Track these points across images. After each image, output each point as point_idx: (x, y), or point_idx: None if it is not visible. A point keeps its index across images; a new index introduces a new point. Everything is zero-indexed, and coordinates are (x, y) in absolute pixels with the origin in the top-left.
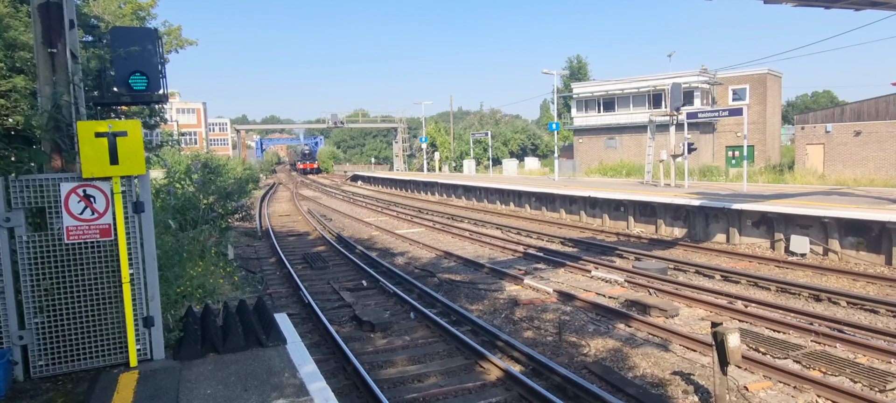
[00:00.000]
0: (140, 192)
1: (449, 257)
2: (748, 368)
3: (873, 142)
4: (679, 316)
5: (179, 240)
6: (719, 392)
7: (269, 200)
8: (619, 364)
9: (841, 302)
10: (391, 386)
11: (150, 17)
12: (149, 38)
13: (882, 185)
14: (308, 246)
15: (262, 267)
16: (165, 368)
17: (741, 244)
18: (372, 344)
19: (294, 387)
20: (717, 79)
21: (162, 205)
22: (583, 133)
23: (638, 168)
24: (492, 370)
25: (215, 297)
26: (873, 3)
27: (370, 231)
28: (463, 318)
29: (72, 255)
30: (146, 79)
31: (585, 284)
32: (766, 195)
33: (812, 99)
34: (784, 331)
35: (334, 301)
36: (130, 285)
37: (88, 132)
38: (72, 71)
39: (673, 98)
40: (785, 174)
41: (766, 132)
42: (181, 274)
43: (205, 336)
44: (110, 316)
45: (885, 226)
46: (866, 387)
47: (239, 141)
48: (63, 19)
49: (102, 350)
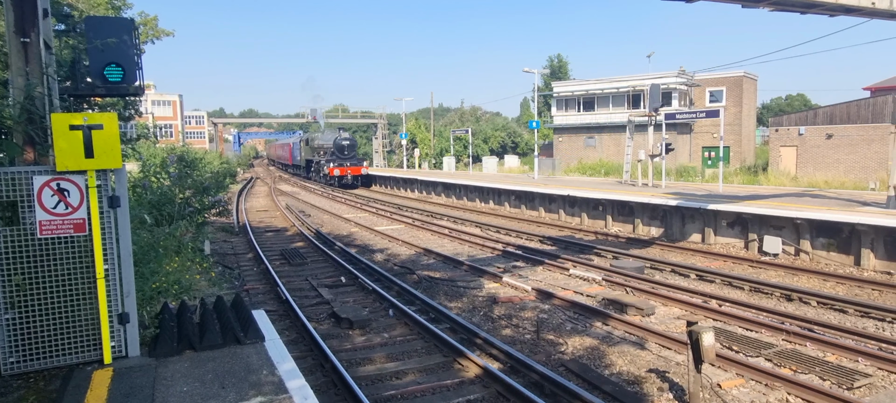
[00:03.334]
0: (116, 186)
1: (428, 254)
2: (722, 366)
3: (845, 146)
4: (655, 314)
5: (155, 236)
6: (693, 389)
7: (246, 195)
8: (596, 361)
9: (811, 301)
10: (370, 383)
11: (126, 7)
12: (124, 28)
13: (852, 188)
14: (286, 242)
15: (239, 264)
16: (141, 365)
17: (716, 244)
18: (350, 342)
19: (272, 385)
20: (694, 80)
21: (137, 200)
22: (563, 132)
23: (617, 167)
24: (470, 367)
25: (192, 294)
26: (847, 9)
27: (349, 227)
28: (442, 316)
29: (45, 250)
30: (122, 70)
31: (564, 282)
32: (741, 196)
33: (786, 102)
34: (757, 330)
35: (313, 297)
36: (105, 281)
37: (63, 125)
38: (45, 61)
39: (652, 98)
40: (759, 175)
41: (742, 134)
42: (157, 269)
43: (181, 333)
44: (84, 313)
45: (854, 228)
46: (834, 385)
47: (216, 134)
48: (37, 8)
49: (76, 348)
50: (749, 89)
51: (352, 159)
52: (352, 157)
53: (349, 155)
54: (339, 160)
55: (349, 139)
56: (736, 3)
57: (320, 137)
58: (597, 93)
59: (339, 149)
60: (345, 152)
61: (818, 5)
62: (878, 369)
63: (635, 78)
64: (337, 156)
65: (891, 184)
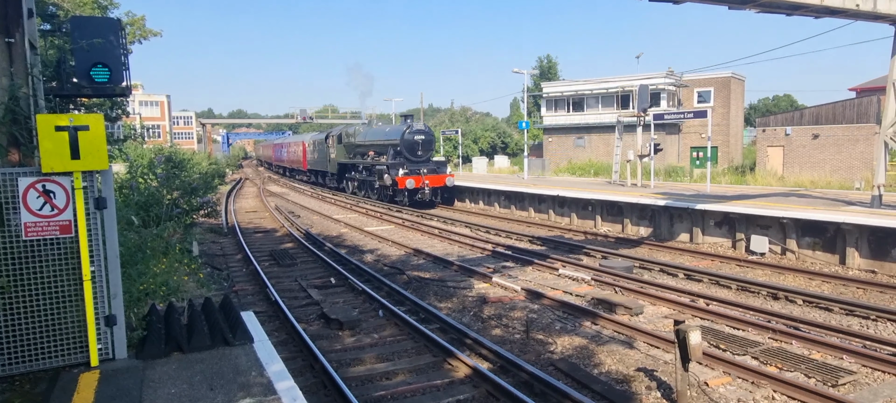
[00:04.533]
0: (102, 188)
1: (418, 255)
2: (709, 364)
3: (830, 146)
4: (644, 313)
5: (143, 237)
6: (681, 388)
7: (235, 196)
8: (585, 361)
9: (797, 300)
10: (359, 384)
11: (113, 7)
12: (111, 28)
13: (838, 187)
14: (275, 243)
15: (228, 265)
16: (128, 368)
17: (704, 243)
18: (340, 342)
19: (261, 386)
20: (682, 81)
21: (124, 201)
22: (552, 132)
23: (606, 167)
24: (460, 367)
25: (180, 295)
26: (831, 11)
27: (339, 228)
28: (432, 316)
29: (30, 252)
30: (108, 70)
31: (553, 282)
32: (729, 196)
33: (773, 102)
34: (743, 329)
35: (302, 298)
36: (92, 283)
37: (48, 126)
38: (30, 62)
39: (640, 99)
40: (747, 175)
41: (730, 134)
42: (144, 271)
43: (169, 334)
44: (70, 315)
45: (839, 227)
46: (820, 382)
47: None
48: (21, 7)
49: (62, 350)
50: (737, 90)
51: (429, 164)
52: (427, 160)
53: (424, 157)
54: (410, 165)
55: (425, 132)
56: (723, 4)
57: (371, 130)
58: (586, 93)
59: (410, 148)
60: (418, 152)
61: (804, 7)
62: (862, 366)
63: (624, 79)
64: (406, 159)
65: (875, 184)
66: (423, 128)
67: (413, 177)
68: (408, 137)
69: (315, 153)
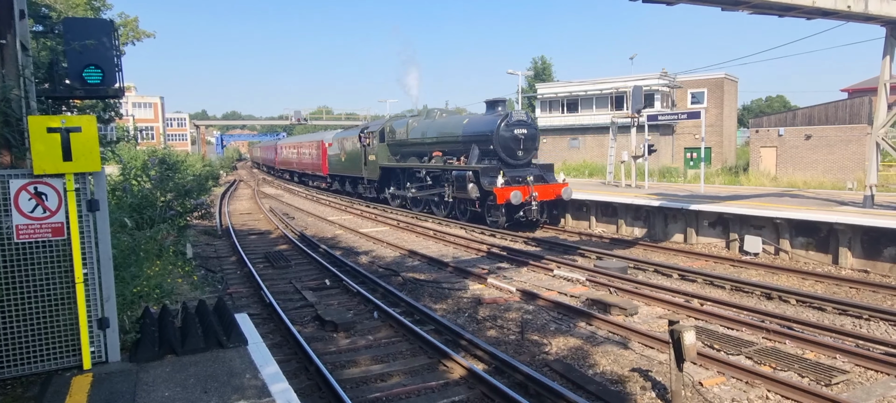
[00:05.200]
0: (95, 190)
1: (413, 256)
2: (703, 364)
3: (823, 146)
4: (638, 314)
5: (136, 239)
6: (675, 388)
7: (229, 198)
8: (580, 361)
9: (791, 300)
10: (354, 386)
11: (106, 8)
12: (103, 29)
13: (831, 188)
14: (270, 244)
15: (222, 267)
16: (121, 370)
17: (698, 243)
18: (335, 344)
19: (256, 388)
20: (676, 82)
21: (117, 203)
22: (547, 133)
23: (600, 168)
24: (455, 368)
25: (173, 297)
26: (824, 12)
27: (334, 229)
28: (427, 317)
29: (22, 255)
30: (101, 72)
31: (548, 283)
32: (723, 196)
33: (766, 103)
34: (737, 329)
35: (296, 300)
36: (84, 285)
37: (40, 127)
38: (22, 63)
39: (634, 100)
40: (740, 176)
41: (723, 135)
42: (138, 273)
43: (163, 337)
44: (63, 318)
45: (832, 227)
46: (813, 382)
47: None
48: (13, 9)
49: (55, 353)
50: (730, 91)
51: (531, 168)
52: (528, 164)
53: (525, 159)
54: (510, 170)
55: (527, 123)
56: (716, 5)
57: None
58: (580, 94)
59: (508, 146)
60: (518, 153)
61: (795, 8)
62: (855, 365)
63: (618, 80)
64: (502, 162)
65: (867, 184)
66: (526, 119)
67: (518, 186)
68: (505, 132)
69: (341, 154)
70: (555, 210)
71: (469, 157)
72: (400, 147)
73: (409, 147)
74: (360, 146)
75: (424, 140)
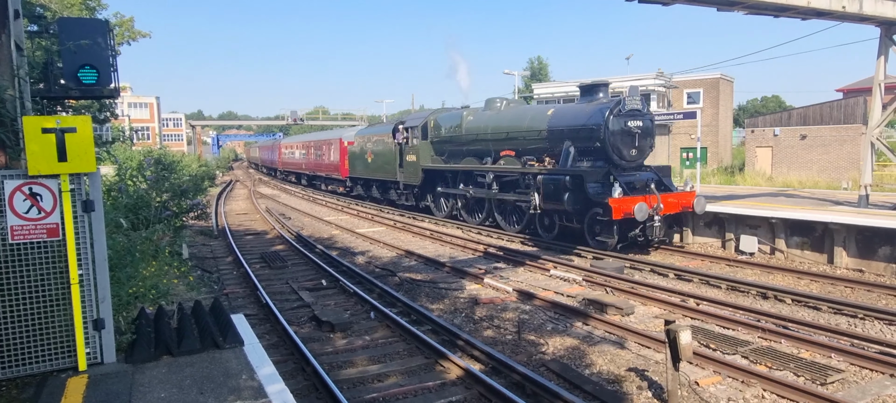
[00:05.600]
0: (90, 190)
1: (410, 256)
2: (699, 364)
3: (818, 146)
4: (635, 313)
5: (131, 240)
6: (672, 387)
7: (225, 198)
8: (576, 361)
9: (786, 299)
10: (351, 387)
11: (101, 8)
12: (99, 29)
13: (825, 187)
14: (266, 245)
15: (218, 267)
16: (117, 372)
17: (694, 243)
18: (331, 345)
19: (252, 389)
20: (672, 82)
21: (113, 204)
22: None
23: None
24: (452, 369)
25: (169, 298)
26: (818, 13)
27: (330, 229)
28: (423, 318)
29: (17, 256)
30: (96, 72)
31: (544, 283)
32: (718, 196)
33: (761, 103)
34: (733, 328)
35: (293, 301)
36: (80, 286)
37: (35, 128)
38: (17, 63)
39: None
40: (736, 176)
41: (719, 134)
42: (133, 274)
43: (158, 338)
44: (58, 319)
45: (827, 227)
46: (808, 381)
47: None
48: (7, 9)
49: (50, 354)
50: (726, 91)
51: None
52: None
53: (639, 160)
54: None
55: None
56: (711, 6)
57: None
58: (577, 94)
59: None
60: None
61: (791, 9)
62: (850, 364)
63: (614, 80)
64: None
65: (862, 184)
66: (641, 108)
67: (641, 197)
68: (615, 125)
69: (366, 154)
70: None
71: (561, 157)
72: (448, 145)
73: (463, 145)
74: (394, 144)
75: (486, 136)
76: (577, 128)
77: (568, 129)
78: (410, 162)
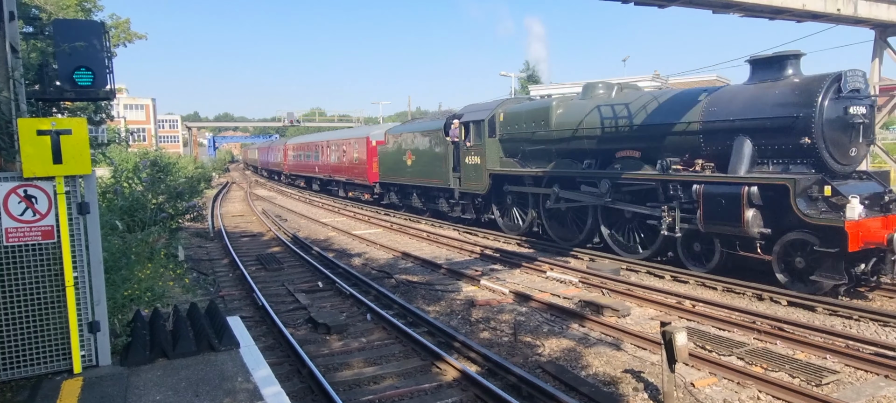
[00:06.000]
0: (85, 193)
1: (406, 258)
2: (695, 365)
3: None
4: (631, 315)
5: (127, 242)
6: (668, 389)
7: (222, 200)
8: (572, 363)
9: (781, 300)
10: (347, 388)
11: (96, 9)
12: (94, 31)
13: None
14: (262, 247)
15: (214, 269)
16: (112, 374)
17: None
18: (328, 347)
19: (248, 392)
20: (668, 84)
21: (108, 206)
22: None
23: None
24: (448, 370)
25: (165, 301)
26: (814, 15)
27: (327, 232)
28: (420, 319)
29: (11, 258)
30: (92, 74)
31: (541, 285)
32: None
33: None
34: (729, 330)
35: (289, 303)
36: (75, 289)
37: (30, 130)
38: (12, 65)
39: None
40: None
41: None
42: (129, 277)
43: (154, 340)
44: (53, 322)
45: None
46: (804, 382)
47: (190, 138)
48: (2, 10)
49: (44, 357)
50: None
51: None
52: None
53: (857, 161)
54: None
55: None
56: (707, 8)
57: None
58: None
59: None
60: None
61: (786, 11)
62: (845, 365)
63: (611, 81)
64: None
65: None
66: (863, 85)
67: (881, 216)
68: (832, 112)
69: (404, 155)
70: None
71: (732, 160)
72: (527, 144)
73: (552, 144)
74: (446, 143)
75: (592, 132)
76: (761, 120)
77: (742, 121)
78: (471, 164)
